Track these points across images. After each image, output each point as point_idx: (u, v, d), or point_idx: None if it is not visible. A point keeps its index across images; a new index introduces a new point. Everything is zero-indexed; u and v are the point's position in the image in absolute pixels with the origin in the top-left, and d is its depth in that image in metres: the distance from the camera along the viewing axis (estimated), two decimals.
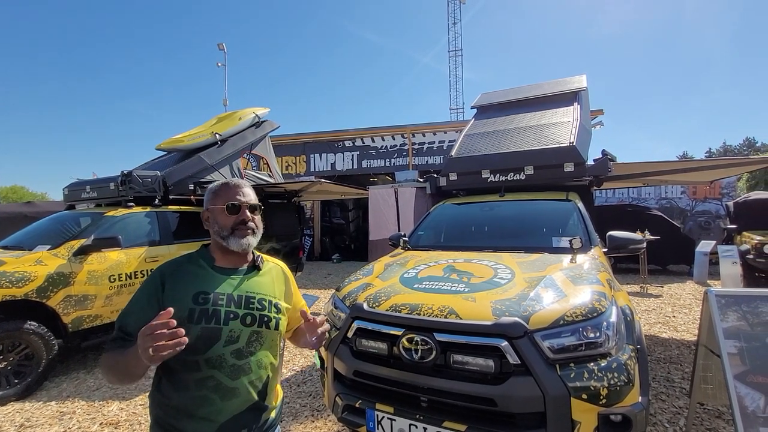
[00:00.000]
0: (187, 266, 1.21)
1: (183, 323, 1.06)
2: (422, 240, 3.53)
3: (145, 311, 1.10)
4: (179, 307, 1.09)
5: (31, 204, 10.66)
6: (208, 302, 1.14)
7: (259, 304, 1.22)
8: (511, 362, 1.71)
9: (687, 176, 5.69)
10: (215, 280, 1.19)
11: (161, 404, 1.14)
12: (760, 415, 1.99)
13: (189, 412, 1.10)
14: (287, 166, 14.09)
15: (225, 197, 1.24)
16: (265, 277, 1.30)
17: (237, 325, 1.15)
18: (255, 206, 1.28)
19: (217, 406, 1.11)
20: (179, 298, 1.12)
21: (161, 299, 1.12)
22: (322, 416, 2.97)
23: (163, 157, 6.45)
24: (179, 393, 1.11)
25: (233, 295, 1.18)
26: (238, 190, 1.26)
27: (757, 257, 6.47)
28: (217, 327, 1.12)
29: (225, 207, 1.23)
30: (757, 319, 2.16)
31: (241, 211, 1.23)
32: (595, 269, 2.32)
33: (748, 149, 40.72)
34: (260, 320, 1.20)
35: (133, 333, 1.06)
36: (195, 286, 1.16)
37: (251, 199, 1.27)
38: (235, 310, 1.16)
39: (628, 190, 12.52)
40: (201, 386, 1.10)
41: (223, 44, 18.03)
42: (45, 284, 3.58)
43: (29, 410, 3.19)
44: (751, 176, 13.04)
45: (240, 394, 1.14)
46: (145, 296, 1.14)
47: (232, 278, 1.22)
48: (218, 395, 1.11)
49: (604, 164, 3.59)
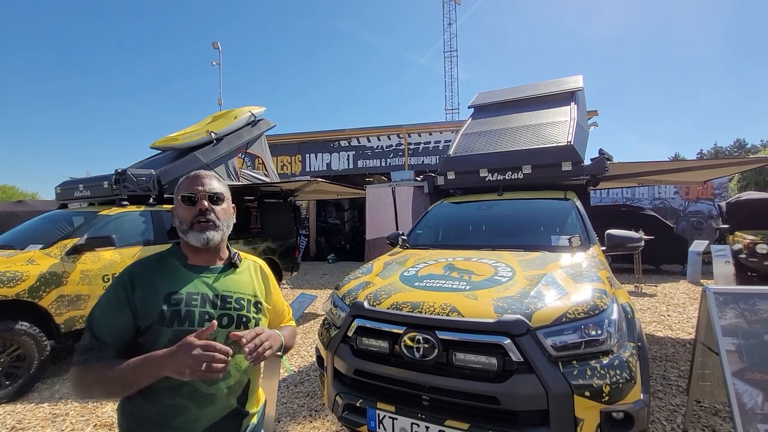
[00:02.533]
0: (158, 265, 1.13)
1: (154, 326, 1.02)
2: (421, 239, 3.52)
3: (116, 316, 1.03)
4: (150, 309, 1.03)
5: (23, 203, 10.50)
6: (181, 303, 1.06)
7: (236, 303, 1.14)
8: (513, 360, 1.70)
9: (681, 176, 5.75)
10: (188, 279, 1.11)
11: (132, 415, 1.05)
12: (758, 411, 2.01)
13: (162, 422, 1.02)
14: (283, 165, 14.02)
15: (183, 188, 1.15)
16: (243, 275, 1.22)
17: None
18: (216, 196, 1.16)
19: (192, 414, 1.03)
20: (150, 300, 1.05)
21: (132, 302, 1.04)
22: (321, 416, 2.95)
23: (157, 156, 6.39)
24: (151, 402, 1.02)
25: (208, 295, 1.11)
26: (197, 180, 1.16)
27: (750, 257, 6.56)
28: (191, 329, 1.03)
29: (180, 199, 1.14)
30: (755, 316, 2.18)
31: (198, 201, 1.13)
32: (595, 267, 2.32)
33: (739, 150, 41.30)
34: (238, 321, 1.12)
35: (105, 340, 1.00)
36: (166, 287, 1.08)
37: (213, 188, 1.16)
38: (210, 311, 1.09)
39: (622, 191, 12.64)
40: (175, 394, 1.02)
41: (218, 43, 17.93)
42: (37, 284, 3.52)
43: (21, 412, 3.13)
44: (743, 177, 13.21)
45: (218, 401, 1.07)
46: (115, 299, 1.05)
47: (206, 277, 1.14)
48: (194, 403, 1.04)
49: (601, 163, 3.60)
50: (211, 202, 1.15)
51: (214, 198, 1.16)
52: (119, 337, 1.02)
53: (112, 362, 0.98)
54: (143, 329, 1.03)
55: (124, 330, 1.03)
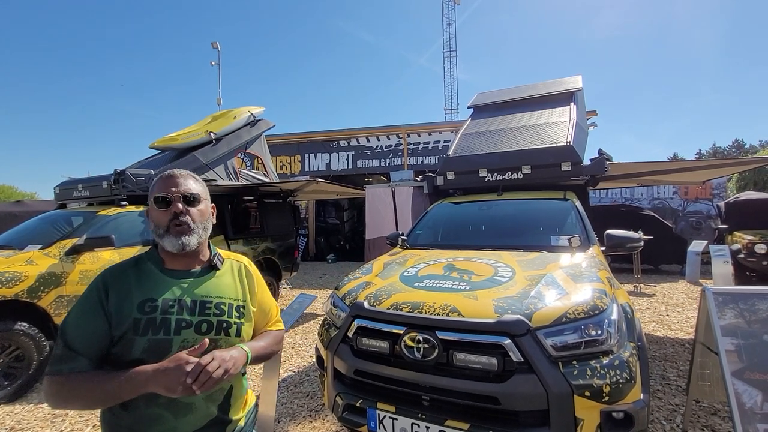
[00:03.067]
0: (133, 270, 1.07)
1: (128, 335, 0.98)
2: (420, 239, 3.52)
3: (90, 324, 0.98)
4: (124, 316, 0.99)
5: (21, 203, 10.49)
6: (156, 310, 1.01)
7: (216, 308, 1.08)
8: (514, 360, 1.70)
9: (680, 176, 5.76)
10: (164, 285, 1.06)
11: (111, 424, 1.02)
12: (758, 411, 2.01)
13: (140, 431, 1.00)
14: (282, 165, 14.02)
15: (156, 190, 1.08)
16: (224, 277, 1.16)
17: (190, 335, 1.03)
18: (192, 196, 1.09)
19: (170, 424, 1.00)
20: (124, 308, 1.00)
21: (107, 308, 0.99)
22: (320, 416, 2.94)
23: (156, 156, 6.38)
24: (129, 412, 0.99)
25: (185, 301, 1.05)
26: (171, 180, 1.08)
27: (748, 256, 6.58)
28: (167, 338, 1.00)
29: (154, 200, 1.07)
30: (754, 316, 2.19)
31: (172, 204, 1.06)
32: (595, 267, 2.32)
33: (737, 150, 41.41)
34: (218, 327, 1.07)
35: (78, 350, 0.96)
36: (141, 293, 1.03)
37: (189, 189, 1.09)
38: (187, 318, 1.03)
39: (621, 191, 12.66)
40: (151, 403, 0.98)
41: (217, 43, 17.93)
42: (36, 284, 3.51)
43: (20, 413, 3.12)
44: (741, 177, 13.23)
45: (196, 410, 1.03)
46: (90, 307, 1.00)
47: (184, 281, 1.08)
48: (171, 412, 1.00)
49: (600, 163, 3.61)
50: (187, 203, 1.08)
51: (189, 199, 1.09)
52: (93, 347, 0.97)
53: (89, 374, 0.94)
54: (116, 338, 0.98)
55: (98, 339, 0.98)
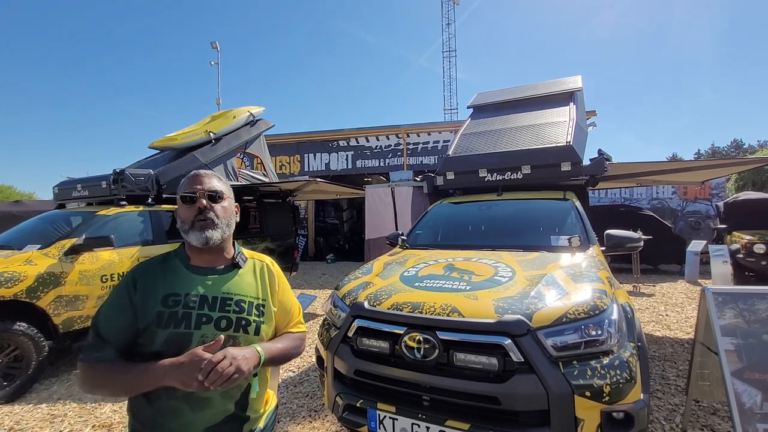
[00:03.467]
0: (160, 266, 1.14)
1: (151, 327, 1.03)
2: (420, 239, 3.52)
3: (119, 316, 1.04)
4: (148, 310, 1.04)
5: (20, 203, 10.47)
6: (179, 305, 1.06)
7: (236, 306, 1.12)
8: (514, 360, 1.70)
9: (680, 176, 5.77)
10: (188, 281, 1.11)
11: (136, 415, 1.07)
12: (757, 411, 2.01)
13: (160, 423, 1.03)
14: (281, 165, 14.00)
15: (183, 188, 1.15)
16: (246, 276, 1.20)
17: (210, 330, 1.06)
18: (215, 194, 1.15)
19: (187, 417, 1.03)
20: (149, 301, 1.05)
21: (134, 302, 1.05)
22: (320, 416, 2.94)
23: (155, 156, 6.37)
24: (151, 404, 1.04)
25: (207, 297, 1.09)
26: (196, 179, 1.16)
27: (747, 256, 6.59)
28: (187, 332, 1.04)
29: (181, 198, 1.14)
30: (754, 316, 2.19)
31: (197, 200, 1.12)
32: (595, 267, 2.33)
33: (736, 151, 41.45)
34: (237, 324, 1.10)
35: (108, 339, 1.03)
36: (165, 288, 1.08)
37: (213, 187, 1.15)
38: (208, 313, 1.07)
39: (621, 191, 12.68)
40: (171, 397, 1.02)
41: (216, 42, 17.90)
42: (35, 284, 3.50)
43: (19, 413, 3.12)
44: (740, 177, 13.26)
45: (213, 405, 1.05)
46: (119, 300, 1.07)
47: (207, 278, 1.13)
48: (189, 405, 1.03)
49: (600, 163, 3.61)
50: (211, 200, 1.14)
51: (214, 196, 1.15)
52: (121, 338, 1.04)
53: (116, 364, 1.00)
54: (141, 330, 1.03)
55: (125, 330, 1.04)
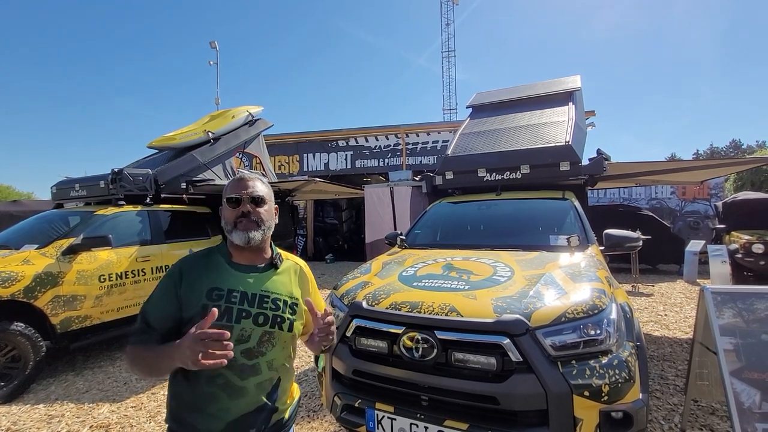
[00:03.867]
0: (205, 261, 1.21)
1: (195, 319, 1.06)
2: (419, 238, 3.52)
3: (164, 304, 1.13)
4: (193, 301, 1.12)
5: (18, 203, 10.44)
6: (222, 298, 1.13)
7: (273, 303, 1.19)
8: (513, 360, 1.70)
9: (679, 176, 5.77)
10: (230, 277, 1.18)
11: (176, 397, 1.15)
12: (756, 411, 2.01)
13: (199, 407, 1.10)
14: (280, 165, 13.99)
15: (229, 191, 1.23)
16: (282, 275, 1.27)
17: (248, 324, 1.13)
18: (259, 198, 1.23)
19: (224, 404, 1.10)
20: (194, 293, 1.13)
21: (179, 293, 1.13)
22: (318, 416, 2.94)
23: (154, 156, 6.35)
24: (191, 387, 1.11)
25: (247, 293, 1.16)
26: (242, 183, 1.23)
27: (746, 256, 6.59)
28: (228, 325, 1.10)
29: (226, 200, 1.22)
30: (753, 315, 2.19)
31: (241, 203, 1.20)
32: (594, 267, 2.32)
33: (734, 151, 41.54)
34: (273, 320, 1.17)
35: (153, 325, 1.12)
36: (210, 282, 1.15)
37: (256, 191, 1.23)
38: (247, 309, 1.14)
39: (619, 191, 12.68)
40: (211, 383, 1.10)
41: (215, 42, 17.88)
42: (32, 284, 3.49)
43: (16, 414, 3.10)
44: (738, 177, 13.27)
45: (248, 394, 1.13)
46: (165, 290, 1.15)
47: (248, 275, 1.21)
48: (226, 393, 1.10)
49: (599, 163, 3.61)
50: (255, 204, 1.22)
51: (257, 200, 1.22)
52: (165, 324, 1.12)
53: (147, 347, 1.08)
54: (186, 320, 1.11)
55: (169, 318, 1.12)
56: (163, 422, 2.81)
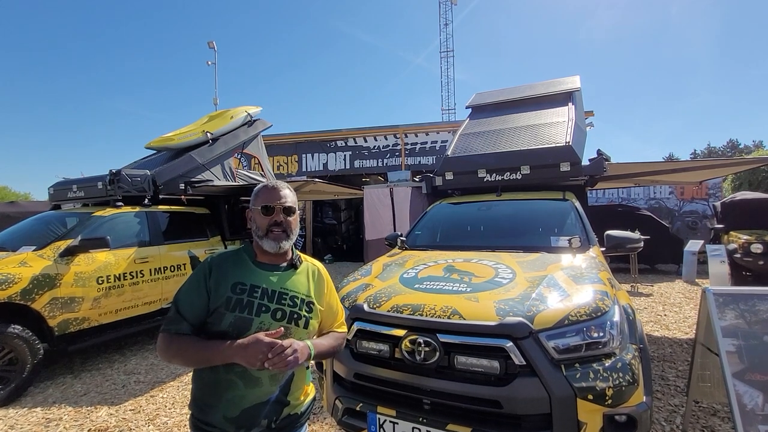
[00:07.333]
0: (232, 258, 1.31)
1: (220, 309, 1.19)
2: (419, 240, 3.50)
3: (195, 296, 1.22)
4: (220, 293, 1.20)
5: (15, 204, 10.36)
6: (245, 293, 1.22)
7: (291, 301, 1.27)
8: (516, 363, 1.69)
9: (677, 176, 5.78)
10: (254, 274, 1.27)
11: (198, 381, 1.23)
12: (759, 412, 2.00)
13: (218, 392, 1.18)
14: (279, 165, 13.95)
15: (263, 199, 1.30)
16: (300, 276, 1.35)
17: (267, 318, 1.21)
18: (290, 209, 1.31)
19: (240, 391, 1.18)
20: (221, 286, 1.22)
21: (209, 286, 1.22)
22: (319, 420, 2.92)
23: (152, 156, 6.31)
24: (213, 373, 1.19)
25: (267, 290, 1.25)
26: (275, 192, 1.31)
27: (744, 256, 6.60)
28: (249, 317, 1.19)
29: (260, 209, 1.29)
30: (755, 317, 2.18)
31: (274, 213, 1.28)
32: (596, 268, 2.31)
33: (732, 151, 41.70)
34: (290, 317, 1.25)
35: (186, 316, 1.20)
36: (235, 277, 1.24)
37: (287, 202, 1.31)
38: (267, 304, 1.23)
39: (618, 191, 12.68)
40: (229, 370, 1.17)
41: (213, 42, 17.81)
42: (30, 286, 3.46)
43: (13, 417, 3.07)
44: (736, 177, 13.29)
45: (262, 385, 1.20)
46: (196, 283, 1.24)
47: (271, 274, 1.29)
48: (242, 382, 1.18)
49: (599, 164, 3.60)
50: (285, 213, 1.30)
51: (288, 210, 1.31)
52: (196, 315, 1.21)
53: (191, 339, 1.17)
54: (212, 311, 1.20)
55: (200, 309, 1.21)
56: (162, 424, 2.79)
